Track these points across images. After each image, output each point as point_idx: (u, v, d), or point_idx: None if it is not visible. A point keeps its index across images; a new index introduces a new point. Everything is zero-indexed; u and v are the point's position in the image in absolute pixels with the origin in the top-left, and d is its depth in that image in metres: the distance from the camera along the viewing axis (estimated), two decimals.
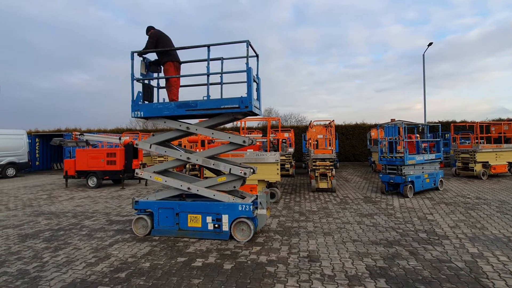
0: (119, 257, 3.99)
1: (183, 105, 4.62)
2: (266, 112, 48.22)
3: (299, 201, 7.58)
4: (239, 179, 4.76)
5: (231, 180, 4.77)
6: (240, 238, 4.52)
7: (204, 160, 4.82)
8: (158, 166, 5.17)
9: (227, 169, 4.69)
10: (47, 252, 4.27)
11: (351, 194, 8.43)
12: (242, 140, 4.66)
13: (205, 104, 4.53)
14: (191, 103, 4.58)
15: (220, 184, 4.82)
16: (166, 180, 4.95)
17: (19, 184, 12.56)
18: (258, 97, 4.93)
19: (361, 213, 6.18)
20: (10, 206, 7.80)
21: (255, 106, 4.65)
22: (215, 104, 4.51)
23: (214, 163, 4.77)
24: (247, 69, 4.41)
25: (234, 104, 4.40)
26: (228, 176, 4.79)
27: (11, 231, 5.38)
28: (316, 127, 11.05)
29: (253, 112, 4.63)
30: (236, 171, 4.64)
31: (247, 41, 4.35)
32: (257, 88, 4.88)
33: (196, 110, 4.55)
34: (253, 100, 4.47)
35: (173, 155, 5.00)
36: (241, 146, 4.79)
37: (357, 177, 12.47)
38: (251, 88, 4.41)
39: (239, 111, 4.48)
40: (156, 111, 4.79)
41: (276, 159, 7.43)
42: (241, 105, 4.37)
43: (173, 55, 5.09)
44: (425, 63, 18.62)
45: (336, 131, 18.67)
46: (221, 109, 4.48)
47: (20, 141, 16.09)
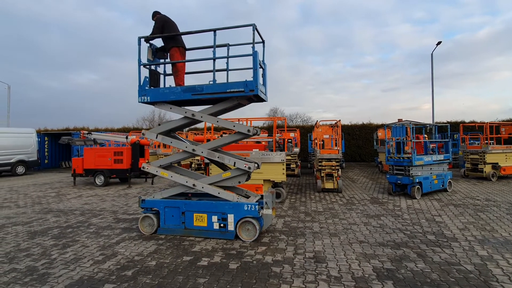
0: (125, 255, 4.02)
1: (189, 90, 4.63)
2: (272, 112, 48.20)
3: (305, 201, 7.54)
4: (243, 173, 4.75)
5: (236, 175, 4.77)
6: (245, 238, 4.51)
7: (209, 152, 4.81)
8: (164, 159, 5.19)
9: (231, 163, 4.68)
10: (56, 249, 4.33)
11: (358, 195, 8.36)
12: (247, 129, 4.63)
13: (211, 88, 4.52)
14: (197, 87, 4.58)
15: (225, 179, 4.82)
16: (172, 175, 4.98)
17: (28, 181, 12.77)
18: (264, 82, 4.90)
19: (367, 214, 6.12)
20: (20, 203, 7.94)
21: (261, 90, 4.62)
22: (221, 88, 4.49)
23: (219, 156, 4.76)
24: (253, 53, 4.39)
25: (239, 87, 4.37)
26: (232, 171, 4.79)
27: (20, 228, 5.47)
28: (322, 127, 10.98)
29: (259, 96, 4.61)
30: (241, 165, 4.63)
31: (253, 25, 4.33)
32: (263, 74, 4.87)
33: (202, 94, 4.54)
34: (259, 85, 4.44)
35: (179, 146, 5.01)
36: (246, 135, 4.75)
37: (363, 178, 12.36)
38: (257, 72, 4.39)
39: (244, 95, 4.44)
40: (163, 96, 4.79)
41: (281, 159, 7.40)
42: (246, 88, 4.34)
43: (179, 40, 5.11)
44: (433, 62, 18.34)
45: (342, 131, 18.56)
46: (226, 93, 4.44)
47: (30, 139, 16.36)
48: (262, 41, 4.87)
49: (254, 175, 7.54)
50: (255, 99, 4.94)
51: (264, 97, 4.83)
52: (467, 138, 12.30)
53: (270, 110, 48.63)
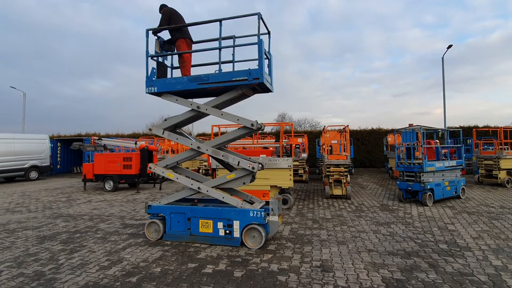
0: (131, 261, 4.02)
1: (195, 79, 4.66)
2: (280, 117, 48.16)
3: (313, 208, 7.43)
4: (248, 174, 4.72)
5: (240, 176, 4.74)
6: (251, 245, 4.46)
7: (213, 150, 4.80)
8: (170, 159, 5.20)
9: (235, 162, 4.66)
10: (63, 254, 4.37)
11: (367, 202, 8.19)
12: (251, 123, 4.60)
13: (216, 77, 4.54)
14: (203, 76, 4.60)
15: (230, 181, 4.80)
16: (177, 177, 4.99)
17: (40, 186, 13.06)
18: (270, 73, 4.91)
19: (377, 222, 5.97)
20: (31, 208, 8.10)
21: (267, 80, 4.62)
22: (226, 77, 4.49)
23: (223, 155, 4.74)
24: (258, 41, 4.39)
25: (243, 76, 4.38)
26: (237, 172, 4.76)
27: (30, 233, 5.56)
28: (330, 132, 10.86)
29: (264, 87, 4.61)
30: (245, 164, 4.59)
31: (258, 14, 4.34)
32: (269, 64, 4.89)
33: (208, 83, 4.55)
34: (264, 73, 4.43)
35: (184, 143, 5.01)
36: (250, 130, 4.71)
37: (373, 184, 12.13)
38: (262, 60, 4.38)
39: (248, 83, 4.43)
40: (170, 86, 4.82)
41: (288, 164, 7.34)
42: (250, 77, 4.34)
43: (185, 32, 5.17)
44: (444, 66, 18.02)
45: (351, 137, 18.32)
46: (232, 82, 4.44)
47: (43, 145, 16.79)
48: (267, 32, 4.87)
49: (260, 181, 7.50)
50: (260, 90, 4.94)
51: (270, 87, 4.83)
52: (480, 143, 11.95)
53: (278, 116, 48.62)
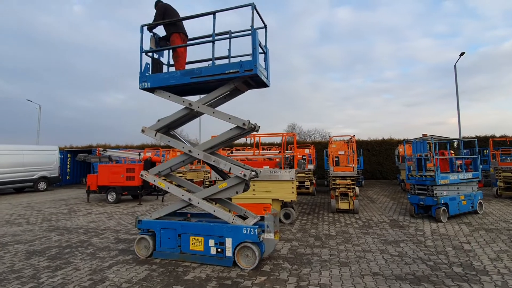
0: (114, 282, 3.74)
1: (188, 73, 4.51)
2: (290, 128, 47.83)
3: (317, 223, 7.01)
4: (240, 182, 4.42)
5: (232, 185, 4.45)
6: (244, 265, 4.11)
7: (205, 155, 4.54)
8: (163, 165, 4.96)
9: (227, 168, 4.38)
10: (47, 271, 4.14)
11: (376, 217, 7.69)
12: (242, 122, 4.33)
13: (209, 70, 4.38)
14: (195, 70, 4.46)
15: (222, 191, 4.51)
16: (169, 186, 4.74)
17: (46, 198, 13.11)
18: (266, 67, 4.76)
19: (385, 240, 5.51)
20: (31, 220, 8.01)
21: (262, 73, 4.44)
22: (219, 69, 4.32)
23: (215, 160, 4.48)
24: (252, 32, 4.22)
25: (234, 69, 4.21)
26: (229, 181, 4.48)
27: (21, 247, 5.40)
28: (337, 142, 10.48)
29: (259, 81, 4.42)
30: (236, 171, 4.31)
31: (252, 4, 4.18)
32: (265, 58, 4.77)
33: (200, 76, 4.39)
34: (258, 65, 4.23)
35: (176, 146, 4.78)
36: (243, 130, 4.45)
37: (383, 197, 11.54)
38: (256, 51, 4.21)
39: (239, 76, 4.25)
40: (163, 81, 4.67)
41: (291, 176, 7.00)
42: (241, 69, 4.16)
43: (180, 27, 5.05)
44: (457, 75, 17.41)
45: (361, 147, 17.78)
46: (225, 74, 4.27)
47: (52, 156, 17.02)
48: (264, 25, 4.72)
49: (262, 194, 7.18)
50: (254, 84, 4.75)
51: (266, 81, 4.66)
52: (498, 153, 11.25)
53: (288, 126, 48.29)
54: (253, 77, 4.41)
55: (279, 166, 8.78)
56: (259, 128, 4.76)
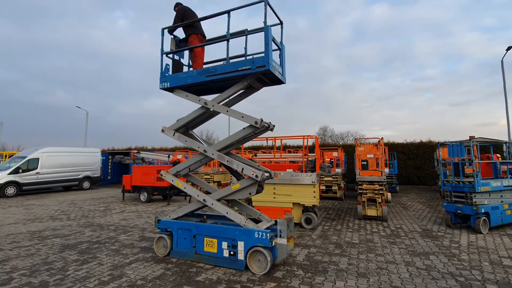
0: (130, 278, 3.92)
1: (204, 72, 4.61)
2: (321, 130, 46.71)
3: (340, 230, 6.70)
4: (253, 183, 4.39)
5: (245, 186, 4.43)
6: (256, 270, 4.05)
7: (219, 155, 4.58)
8: (181, 165, 5.09)
9: (239, 168, 4.37)
10: (74, 265, 4.47)
11: (406, 225, 7.14)
12: (254, 120, 4.29)
13: (223, 68, 4.43)
14: (211, 69, 4.55)
15: (235, 192, 4.52)
16: (185, 187, 4.86)
17: (88, 196, 14.23)
18: (282, 63, 4.71)
19: (413, 251, 5.08)
20: (71, 216, 8.74)
21: (277, 69, 4.39)
22: (233, 67, 4.35)
23: (228, 160, 4.49)
24: (264, 27, 4.20)
25: (247, 66, 4.21)
26: (242, 182, 4.46)
27: (58, 241, 5.89)
28: (365, 145, 9.95)
29: (273, 75, 4.36)
30: (248, 172, 4.27)
31: (265, 0, 4.17)
32: (281, 55, 4.73)
33: (215, 75, 4.46)
34: (271, 61, 4.18)
35: (192, 146, 4.87)
36: (256, 129, 4.43)
37: (418, 204, 10.70)
38: (269, 47, 4.16)
39: (252, 72, 4.23)
40: (181, 80, 4.82)
41: (312, 180, 6.79)
42: (253, 65, 4.16)
43: (198, 28, 5.16)
44: (505, 71, 15.63)
45: (395, 150, 16.74)
46: (238, 71, 4.30)
47: (95, 158, 18.47)
48: (279, 22, 4.69)
49: (282, 197, 7.06)
50: (268, 81, 4.71)
51: (281, 77, 4.60)
52: None
53: (320, 129, 47.21)
54: (266, 74, 4.38)
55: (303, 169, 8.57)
56: (273, 127, 4.70)
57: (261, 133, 4.76)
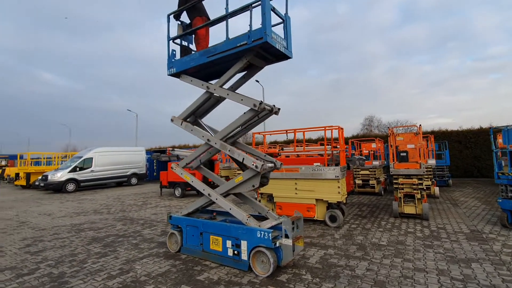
0: (136, 274, 3.99)
1: (205, 53, 4.44)
2: (367, 121, 43.90)
3: (369, 229, 6.06)
4: (256, 175, 4.14)
5: (248, 178, 4.20)
6: (259, 271, 3.81)
7: (221, 144, 4.40)
8: (189, 157, 5.05)
9: (240, 158, 4.13)
10: (94, 258, 4.73)
11: (452, 225, 6.18)
12: (253, 103, 4.00)
13: (222, 46, 4.19)
14: (211, 49, 4.36)
15: (238, 185, 4.32)
16: (193, 180, 4.81)
17: (133, 191, 15.37)
18: (287, 37, 4.30)
19: (452, 257, 4.32)
20: (112, 210, 9.45)
21: (277, 41, 4.00)
22: (231, 44, 4.08)
23: (230, 149, 4.28)
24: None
25: (243, 41, 3.91)
26: (244, 174, 4.24)
27: (90, 233, 6.37)
28: (405, 134, 8.89)
29: (274, 49, 3.99)
30: (248, 162, 4.02)
31: None
32: (285, 26, 4.32)
33: (215, 54, 4.25)
34: (269, 32, 3.81)
35: (197, 135, 4.75)
36: (256, 113, 4.16)
37: (473, 200, 9.26)
38: (266, 17, 3.78)
39: (249, 47, 3.91)
40: (185, 64, 4.72)
41: (336, 175, 6.25)
42: (249, 40, 3.84)
43: (202, 10, 5.01)
44: None
45: (447, 139, 14.81)
46: (236, 48, 4.02)
47: (141, 156, 19.90)
48: None
49: (304, 193, 6.65)
50: (271, 57, 4.35)
51: (285, 51, 4.19)
52: None
53: (365, 119, 44.42)
54: (267, 49, 4.04)
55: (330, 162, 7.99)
56: (278, 110, 4.37)
57: (266, 117, 4.46)
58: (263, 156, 4.56)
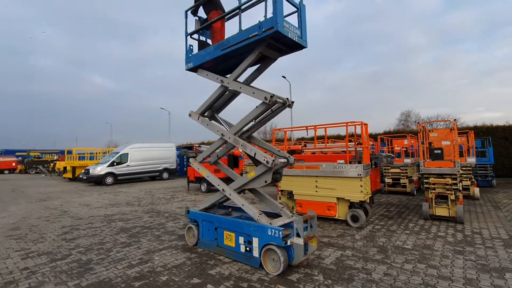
0: (154, 264, 4.18)
1: (219, 46, 4.44)
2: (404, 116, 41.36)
3: (394, 231, 5.72)
4: (267, 171, 4.09)
5: (260, 173, 4.17)
6: (270, 269, 3.79)
7: (235, 139, 4.40)
8: (205, 152, 5.13)
9: (252, 153, 4.11)
10: (119, 247, 5.05)
11: (489, 230, 5.61)
12: (264, 96, 3.94)
13: (235, 38, 4.16)
14: (224, 41, 4.36)
15: (251, 180, 4.31)
16: (208, 175, 4.90)
17: (164, 185, 16.12)
18: (302, 26, 4.16)
19: (484, 265, 3.93)
20: (142, 202, 10.01)
21: (289, 30, 3.87)
22: (243, 35, 4.02)
23: (242, 144, 4.27)
24: None
25: (254, 32, 3.85)
26: (257, 170, 4.22)
27: (120, 224, 6.80)
28: (439, 130, 8.20)
29: (287, 39, 3.86)
30: (260, 157, 3.98)
31: None
32: (299, 15, 4.18)
33: (229, 47, 4.24)
34: (280, 20, 3.70)
35: (212, 129, 4.79)
36: (268, 106, 4.10)
37: None
38: (277, 5, 3.67)
39: (260, 38, 3.83)
40: (201, 58, 4.77)
41: (358, 173, 5.97)
42: (259, 30, 3.77)
43: (217, 4, 5.01)
44: None
45: (491, 135, 13.42)
46: (249, 39, 3.96)
47: (171, 152, 20.78)
48: None
49: (325, 191, 6.46)
50: (285, 48, 4.23)
51: (298, 40, 4.03)
52: None
53: (401, 114, 41.89)
54: (279, 39, 3.94)
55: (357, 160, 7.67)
56: (292, 103, 4.28)
57: (280, 110, 4.39)
58: (277, 151, 4.51)
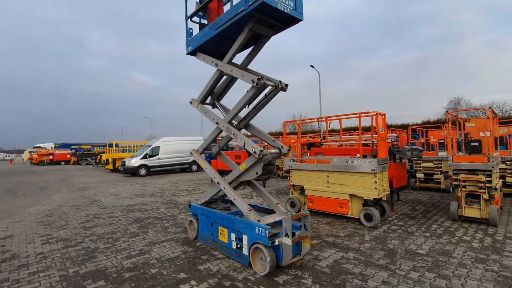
0: (150, 256, 4.30)
1: (213, 26, 4.33)
2: (453, 104, 37.57)
3: (412, 233, 5.19)
4: (257, 162, 3.95)
5: (251, 164, 4.04)
6: (258, 269, 3.65)
7: (227, 127, 4.29)
8: (205, 142, 5.14)
9: (241, 143, 3.98)
10: (127, 237, 5.29)
11: None
12: (251, 79, 3.74)
13: (226, 15, 4.01)
14: (217, 20, 4.23)
15: (243, 172, 4.20)
16: (206, 167, 4.88)
17: (191, 177, 16.67)
18: None
19: (506, 278, 3.35)
20: (165, 194, 10.44)
21: (279, 0, 3.56)
22: (234, 11, 3.85)
23: (234, 133, 4.14)
24: None
25: (241, 7, 3.64)
26: (248, 160, 4.09)
27: (136, 214, 7.15)
28: (477, 120, 7.18)
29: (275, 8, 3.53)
30: (248, 147, 3.84)
31: None
32: None
33: (221, 25, 4.10)
34: None
35: (208, 117, 4.73)
36: (257, 90, 3.90)
37: None
38: None
39: (247, 14, 3.61)
40: (198, 40, 4.68)
41: (372, 168, 5.50)
42: (245, 5, 3.55)
43: None
44: None
45: None
46: (238, 15, 3.75)
47: (199, 145, 21.37)
48: None
49: (337, 187, 6.09)
50: (278, 23, 3.94)
51: (291, 11, 3.69)
52: None
53: (449, 102, 38.12)
54: (268, 12, 3.66)
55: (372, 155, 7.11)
56: (286, 86, 4.05)
57: (273, 94, 4.17)
58: (271, 141, 4.31)
